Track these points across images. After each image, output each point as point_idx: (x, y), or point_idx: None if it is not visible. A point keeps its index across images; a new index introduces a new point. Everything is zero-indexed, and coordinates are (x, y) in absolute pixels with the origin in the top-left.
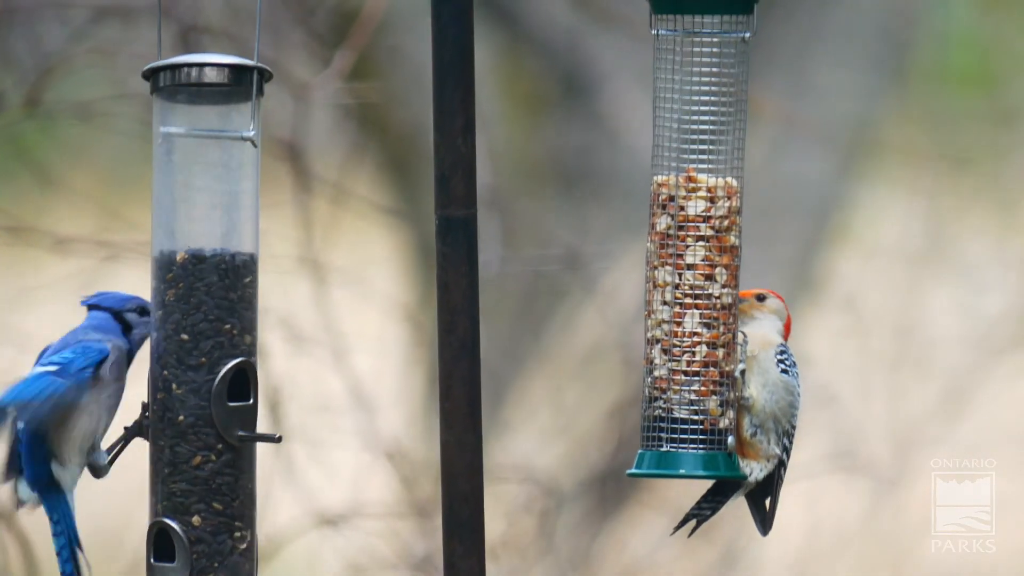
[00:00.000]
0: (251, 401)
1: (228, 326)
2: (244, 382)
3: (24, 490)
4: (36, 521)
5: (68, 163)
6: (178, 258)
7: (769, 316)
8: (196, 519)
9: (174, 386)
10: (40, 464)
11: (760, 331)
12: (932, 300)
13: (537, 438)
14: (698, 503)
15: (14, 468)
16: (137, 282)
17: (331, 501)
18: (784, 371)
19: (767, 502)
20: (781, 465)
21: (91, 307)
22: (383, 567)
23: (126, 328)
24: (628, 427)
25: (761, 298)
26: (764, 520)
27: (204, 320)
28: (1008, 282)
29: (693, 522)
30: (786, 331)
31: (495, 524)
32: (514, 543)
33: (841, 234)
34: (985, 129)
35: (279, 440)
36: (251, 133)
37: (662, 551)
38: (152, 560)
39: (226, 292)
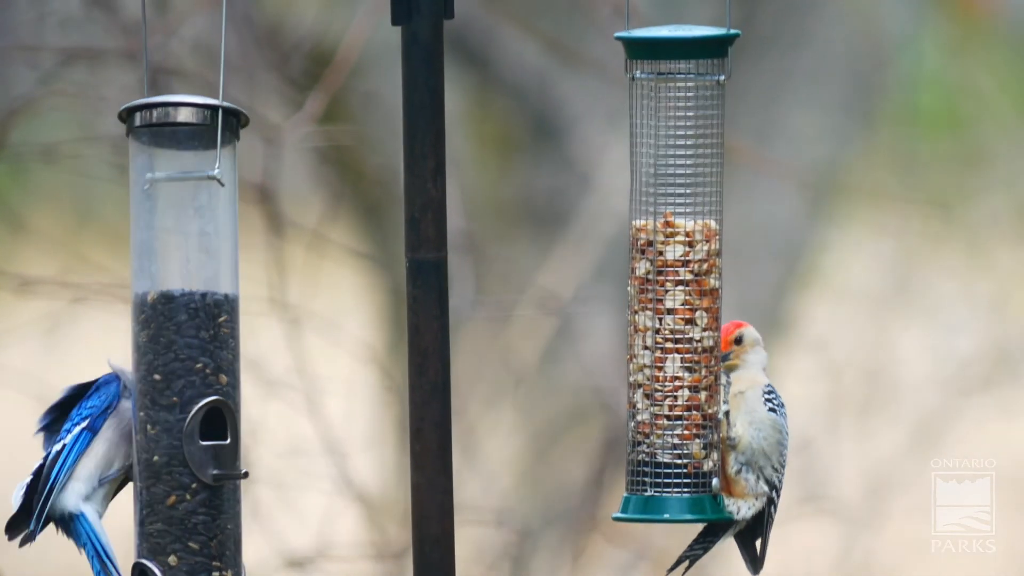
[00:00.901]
0: (227, 440)
1: (200, 365)
2: (221, 421)
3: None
4: (17, 558)
5: (35, 205)
6: (149, 299)
7: (753, 351)
8: (173, 559)
9: (148, 426)
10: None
11: (747, 373)
12: (901, 342)
13: (509, 480)
14: (690, 544)
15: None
16: (104, 324)
17: (301, 544)
18: (772, 410)
19: (757, 542)
20: (771, 504)
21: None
22: None
23: None
24: (603, 469)
25: (739, 340)
26: (754, 559)
27: (175, 360)
28: (977, 323)
29: (686, 563)
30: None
31: (466, 566)
32: None
33: (811, 276)
34: (953, 171)
35: (246, 476)
36: (216, 172)
37: None
38: None
39: (196, 331)
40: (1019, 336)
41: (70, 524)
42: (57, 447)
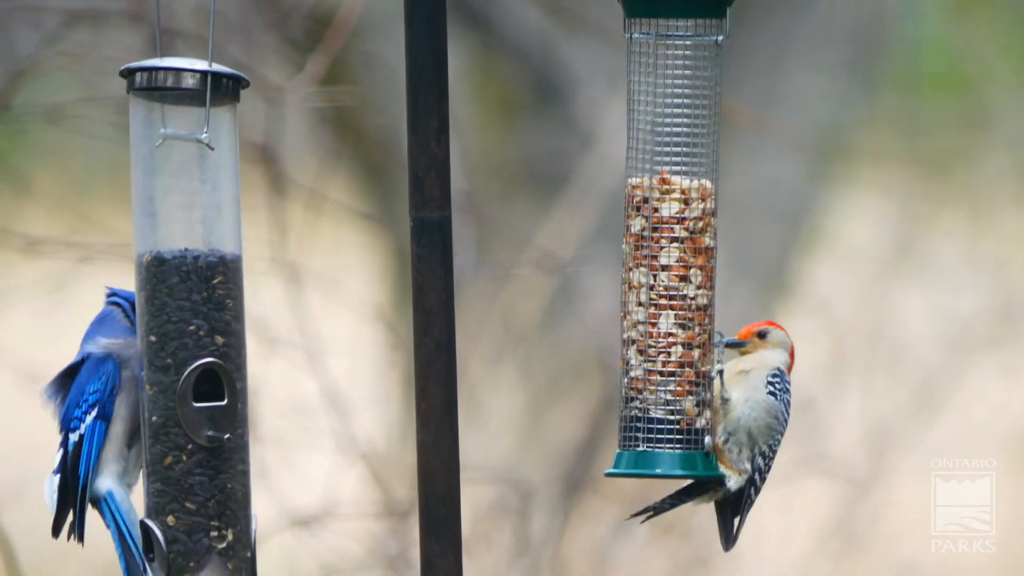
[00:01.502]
0: (224, 401)
1: (193, 327)
2: (218, 382)
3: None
4: (16, 520)
5: (39, 166)
6: (144, 261)
7: (774, 349)
8: (171, 519)
9: (148, 387)
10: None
11: (758, 357)
12: (904, 302)
13: (513, 438)
14: (663, 498)
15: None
16: (109, 284)
17: (305, 502)
18: (772, 393)
19: (736, 520)
20: (752, 485)
21: (109, 299)
22: (357, 567)
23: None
24: (603, 427)
25: (762, 334)
26: (728, 537)
27: (168, 322)
28: (979, 283)
29: (650, 513)
30: (791, 359)
31: (471, 523)
32: (490, 542)
33: (814, 238)
34: (956, 133)
35: (228, 440)
36: (204, 136)
37: (636, 551)
38: (144, 558)
39: (188, 294)
40: (1022, 296)
41: (99, 505)
42: (74, 437)
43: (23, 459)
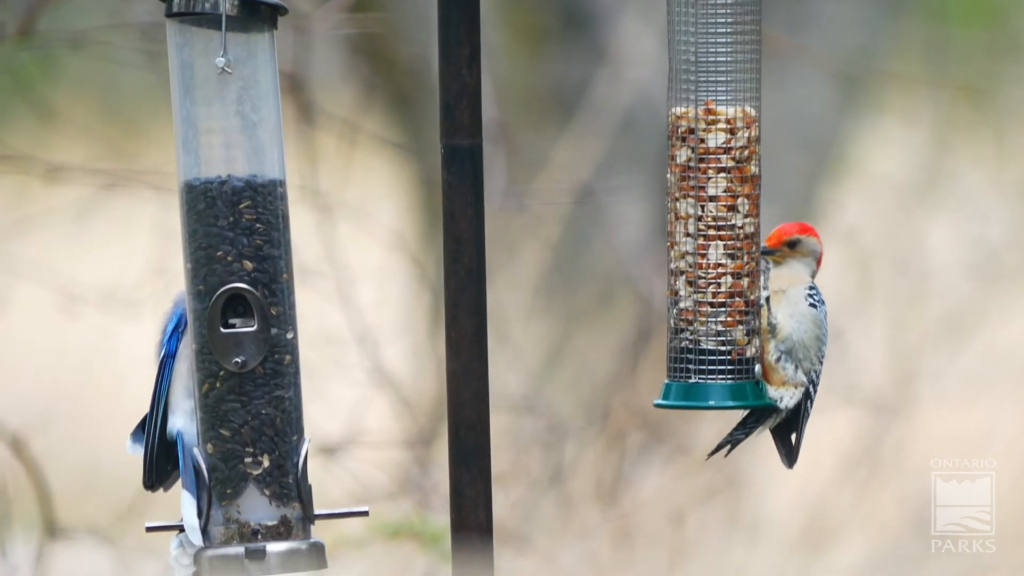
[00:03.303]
0: (254, 327)
1: (220, 253)
2: (248, 308)
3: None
4: (46, 448)
5: (63, 92)
6: (179, 188)
7: (803, 259)
8: (209, 446)
9: (190, 315)
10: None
11: (790, 272)
12: (932, 230)
13: (540, 368)
14: (732, 430)
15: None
16: (133, 210)
17: (333, 432)
18: (812, 305)
19: (792, 436)
20: (807, 398)
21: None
22: (385, 496)
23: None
24: (635, 356)
25: (792, 244)
26: (789, 453)
27: (199, 248)
28: (1007, 211)
29: (728, 447)
30: (817, 264)
31: (501, 454)
32: (520, 473)
33: (841, 166)
34: (985, 61)
35: (243, 367)
36: (221, 61)
37: (667, 481)
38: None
39: (215, 220)
40: None
41: (173, 448)
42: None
43: (50, 385)
